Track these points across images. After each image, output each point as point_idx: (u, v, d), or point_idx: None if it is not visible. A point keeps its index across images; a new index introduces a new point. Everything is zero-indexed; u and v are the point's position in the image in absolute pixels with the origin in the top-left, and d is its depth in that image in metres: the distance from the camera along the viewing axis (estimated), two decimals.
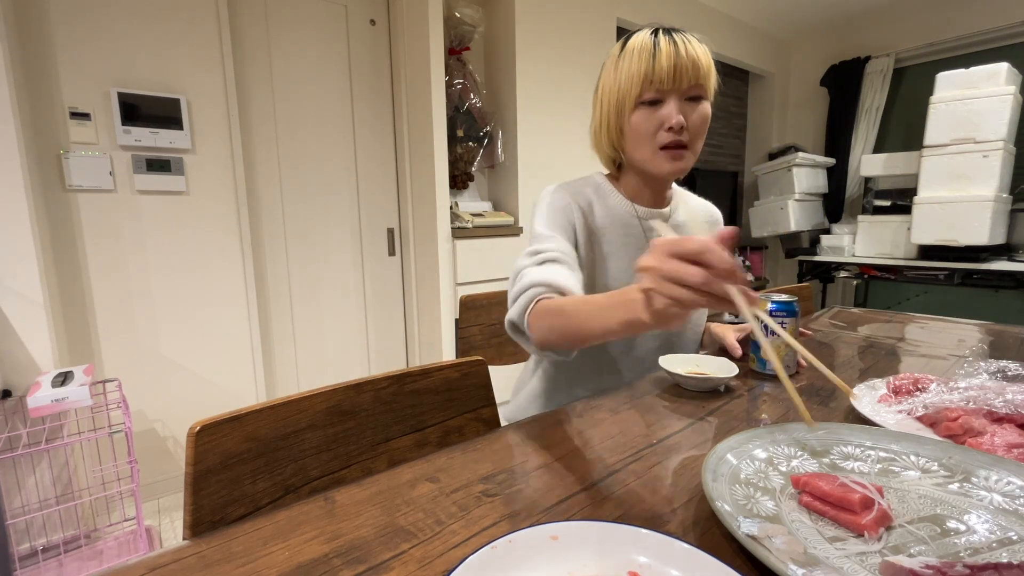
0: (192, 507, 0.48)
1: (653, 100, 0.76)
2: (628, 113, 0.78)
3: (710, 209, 1.01)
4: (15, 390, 1.42)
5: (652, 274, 0.42)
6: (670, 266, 0.40)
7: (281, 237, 2.04)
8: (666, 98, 0.75)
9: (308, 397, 0.57)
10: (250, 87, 1.90)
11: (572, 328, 0.59)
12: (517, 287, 0.71)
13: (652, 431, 0.60)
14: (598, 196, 0.87)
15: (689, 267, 0.40)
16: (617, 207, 0.87)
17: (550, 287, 0.68)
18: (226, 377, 1.89)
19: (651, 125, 0.76)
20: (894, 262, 2.93)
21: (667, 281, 0.41)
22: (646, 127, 0.77)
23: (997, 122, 2.45)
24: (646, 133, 0.77)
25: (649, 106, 0.76)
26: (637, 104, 0.76)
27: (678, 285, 0.40)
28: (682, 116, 0.75)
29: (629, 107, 0.77)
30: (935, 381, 0.64)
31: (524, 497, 0.46)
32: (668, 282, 0.41)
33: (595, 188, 0.88)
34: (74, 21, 1.53)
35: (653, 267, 0.42)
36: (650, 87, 0.75)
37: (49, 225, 1.53)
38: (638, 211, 0.87)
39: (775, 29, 3.63)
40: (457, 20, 2.18)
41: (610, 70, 0.80)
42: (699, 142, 0.79)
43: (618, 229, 0.86)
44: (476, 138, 2.28)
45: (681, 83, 0.74)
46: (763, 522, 0.38)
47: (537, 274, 0.69)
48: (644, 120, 0.77)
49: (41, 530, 1.48)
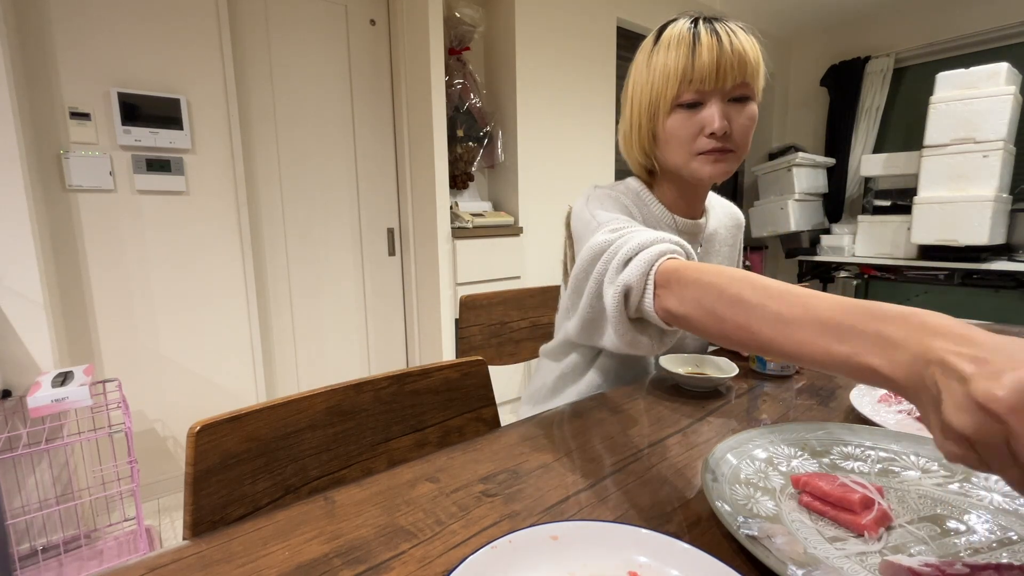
0: (192, 507, 0.48)
1: (692, 103, 0.66)
2: (663, 117, 0.68)
3: (735, 212, 0.93)
4: (15, 390, 1.42)
5: (998, 427, 0.24)
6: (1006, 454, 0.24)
7: (281, 237, 2.04)
8: (707, 100, 0.65)
9: (308, 397, 0.57)
10: (250, 87, 1.90)
11: (739, 320, 0.39)
12: (625, 250, 0.52)
13: (652, 431, 0.60)
14: (638, 205, 0.77)
15: None
16: (657, 217, 0.77)
17: (674, 243, 0.53)
18: (226, 377, 1.89)
19: (689, 130, 0.66)
20: (894, 262, 2.93)
21: (1007, 452, 0.24)
22: (683, 132, 0.67)
23: (997, 122, 2.45)
24: (683, 139, 0.67)
25: (687, 109, 0.66)
26: (673, 107, 0.66)
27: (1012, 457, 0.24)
28: (726, 120, 0.64)
29: (664, 110, 0.67)
30: None
31: (524, 497, 0.46)
32: (1006, 453, 0.24)
33: (635, 196, 0.78)
34: (74, 21, 1.53)
35: (1012, 424, 0.23)
36: (688, 87, 0.64)
37: (49, 225, 1.53)
38: (677, 223, 0.78)
39: (775, 29, 3.63)
40: (457, 20, 2.18)
41: (642, 65, 0.69)
42: (745, 145, 0.68)
43: None
44: (476, 138, 2.28)
45: (725, 82, 0.64)
46: (763, 522, 0.38)
47: (645, 235, 0.53)
48: (681, 125, 0.66)
49: (41, 530, 1.48)
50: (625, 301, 0.52)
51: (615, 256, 0.54)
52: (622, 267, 0.52)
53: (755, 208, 3.52)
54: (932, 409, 0.27)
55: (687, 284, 0.46)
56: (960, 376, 0.25)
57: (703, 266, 0.46)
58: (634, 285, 0.50)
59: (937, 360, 0.26)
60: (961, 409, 0.25)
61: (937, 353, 0.26)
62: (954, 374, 0.25)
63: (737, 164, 0.69)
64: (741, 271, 0.43)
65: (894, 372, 0.28)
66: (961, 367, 0.25)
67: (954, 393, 0.25)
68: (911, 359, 0.28)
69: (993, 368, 0.24)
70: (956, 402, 0.25)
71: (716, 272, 0.44)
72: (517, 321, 1.18)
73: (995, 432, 0.24)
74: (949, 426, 0.25)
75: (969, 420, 0.24)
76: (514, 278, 2.34)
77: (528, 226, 2.37)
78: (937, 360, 0.26)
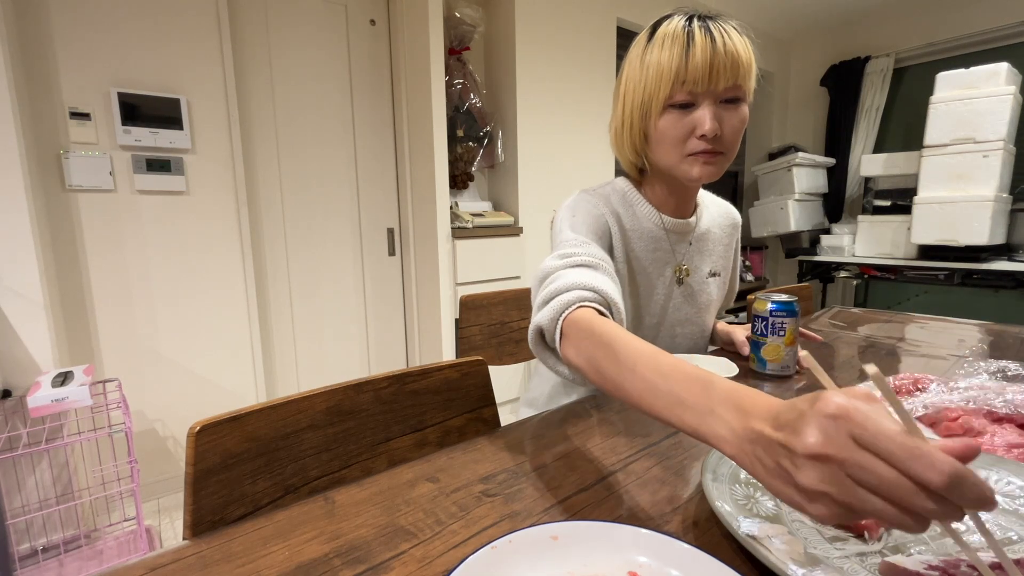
0: (192, 507, 0.48)
1: (684, 103, 0.66)
2: (655, 117, 0.68)
3: (730, 212, 0.93)
4: (15, 390, 1.42)
5: (832, 467, 0.26)
6: (865, 463, 0.25)
7: (281, 237, 2.04)
8: (699, 101, 0.66)
9: (308, 397, 0.57)
10: (250, 87, 1.91)
11: (613, 379, 0.45)
12: (549, 289, 0.58)
13: (652, 431, 0.60)
14: (625, 206, 0.79)
15: (889, 470, 0.25)
16: (644, 217, 0.79)
17: (594, 292, 0.57)
18: (226, 377, 1.89)
19: (681, 131, 0.67)
20: (894, 262, 2.93)
21: (856, 485, 0.26)
22: (675, 133, 0.67)
23: (997, 122, 2.45)
24: (675, 140, 0.68)
25: (679, 109, 0.67)
26: (666, 107, 0.67)
27: (869, 491, 0.25)
28: (717, 123, 0.65)
29: (657, 110, 0.68)
30: (935, 381, 0.64)
31: (524, 497, 0.46)
32: (857, 486, 0.26)
33: (621, 196, 0.79)
34: (74, 21, 1.53)
35: (837, 458, 0.26)
36: (681, 88, 0.65)
37: (49, 225, 1.53)
38: (664, 222, 0.80)
39: (775, 29, 3.63)
40: (457, 20, 2.18)
41: (635, 62, 0.69)
42: (735, 147, 0.70)
43: (647, 243, 0.79)
44: (476, 138, 2.28)
45: (717, 84, 0.64)
46: (763, 522, 0.38)
47: (575, 276, 0.58)
48: (672, 126, 0.67)
49: (41, 530, 1.48)
50: (542, 337, 0.57)
51: (543, 291, 0.59)
52: (542, 306, 0.58)
53: (755, 208, 3.52)
54: (777, 480, 0.29)
55: (583, 338, 0.50)
56: (783, 447, 0.28)
57: (598, 323, 0.50)
58: (546, 327, 0.55)
59: (758, 439, 0.31)
60: (801, 469, 0.27)
61: (756, 433, 0.31)
62: (778, 448, 0.29)
63: (727, 165, 0.71)
64: (626, 334, 0.47)
65: (730, 448, 0.33)
66: (779, 439, 0.29)
67: (789, 461, 0.28)
68: (739, 439, 0.32)
69: (795, 427, 0.28)
70: (795, 467, 0.28)
71: (606, 331, 0.48)
72: (517, 321, 1.18)
73: (835, 472, 0.26)
74: (806, 489, 0.27)
75: (813, 475, 0.27)
76: (514, 278, 2.34)
77: (528, 226, 2.38)
78: (758, 439, 0.31)
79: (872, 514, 0.26)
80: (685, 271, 0.83)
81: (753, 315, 0.80)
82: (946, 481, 0.23)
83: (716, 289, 0.90)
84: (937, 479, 0.24)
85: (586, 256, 0.64)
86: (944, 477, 0.23)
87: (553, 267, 0.63)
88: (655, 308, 0.83)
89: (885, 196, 3.11)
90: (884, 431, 0.25)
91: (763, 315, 0.78)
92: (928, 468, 0.24)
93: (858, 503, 0.26)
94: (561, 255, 0.65)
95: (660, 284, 0.83)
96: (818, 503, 0.27)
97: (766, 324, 0.78)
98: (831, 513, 0.27)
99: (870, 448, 0.25)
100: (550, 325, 0.55)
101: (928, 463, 0.24)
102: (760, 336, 0.79)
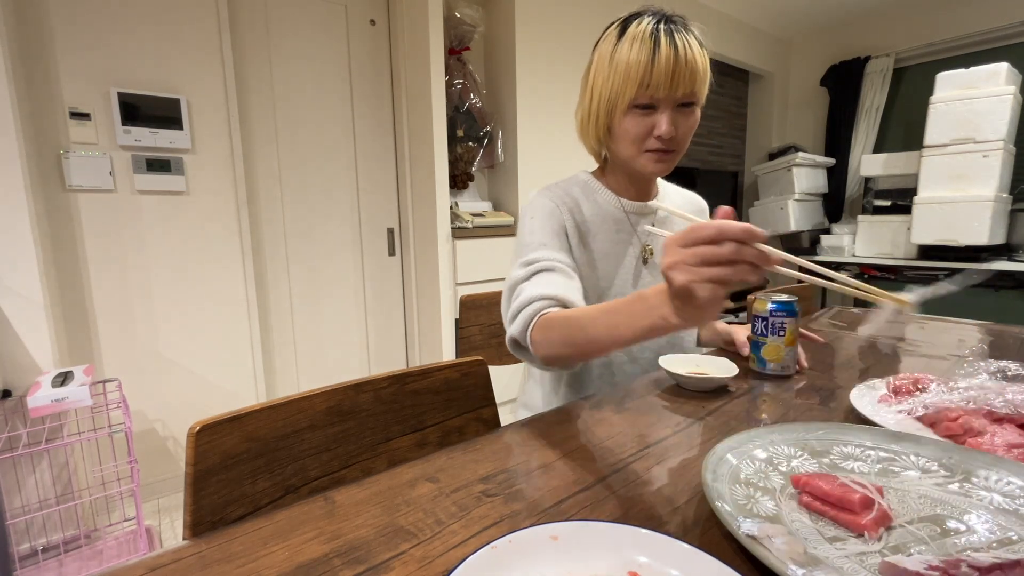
0: (192, 507, 0.48)
1: (646, 105, 0.73)
2: (619, 115, 0.75)
3: (694, 199, 1.01)
4: (15, 390, 1.42)
5: (681, 268, 0.42)
6: (698, 252, 0.41)
7: (281, 237, 2.04)
8: (659, 105, 0.73)
9: (308, 397, 0.57)
10: (250, 87, 1.90)
11: (585, 340, 0.58)
12: (515, 304, 0.70)
13: (652, 431, 0.60)
14: (585, 194, 0.86)
15: (717, 247, 0.41)
16: (604, 203, 0.86)
17: (551, 300, 0.68)
18: (226, 377, 1.89)
19: (640, 130, 0.75)
20: (894, 262, 2.93)
21: (702, 267, 0.41)
22: (635, 131, 0.75)
23: (997, 122, 2.45)
24: (635, 137, 0.76)
25: (641, 110, 0.74)
26: (630, 107, 0.74)
27: (713, 266, 0.41)
28: (673, 126, 0.73)
29: (621, 109, 0.74)
30: (935, 381, 0.64)
31: (524, 497, 0.46)
32: (703, 267, 0.41)
33: (582, 186, 0.87)
34: (74, 21, 1.53)
35: (680, 260, 0.42)
36: (644, 92, 0.72)
37: (49, 225, 1.53)
38: (624, 205, 0.87)
39: (775, 29, 3.63)
40: (457, 20, 2.18)
41: (605, 56, 0.75)
42: (686, 145, 0.79)
43: (609, 226, 0.86)
44: (476, 138, 2.28)
45: (676, 91, 0.71)
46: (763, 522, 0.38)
47: (535, 288, 0.69)
48: (634, 125, 0.75)
49: (41, 530, 1.48)
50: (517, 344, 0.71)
51: (512, 304, 0.72)
52: (512, 319, 0.71)
53: (755, 208, 3.52)
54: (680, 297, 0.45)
55: (552, 331, 0.64)
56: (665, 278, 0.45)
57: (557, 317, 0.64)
58: (519, 338, 0.69)
59: (664, 288, 0.47)
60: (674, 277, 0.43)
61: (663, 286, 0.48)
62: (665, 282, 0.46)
63: (677, 160, 0.80)
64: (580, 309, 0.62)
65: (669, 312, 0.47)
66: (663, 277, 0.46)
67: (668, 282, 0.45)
68: (665, 299, 0.47)
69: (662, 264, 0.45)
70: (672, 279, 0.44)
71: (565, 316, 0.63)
72: None
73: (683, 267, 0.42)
74: (683, 283, 0.43)
75: (680, 276, 0.43)
76: None
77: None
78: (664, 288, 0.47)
79: (713, 276, 0.41)
80: (649, 251, 0.89)
81: (753, 315, 0.80)
82: (716, 228, 0.41)
83: None
84: (711, 229, 0.41)
85: (544, 261, 0.75)
86: (713, 227, 0.41)
87: (518, 278, 0.74)
88: (624, 288, 0.87)
89: (885, 196, 3.11)
90: (680, 235, 0.43)
91: (763, 315, 0.78)
92: (704, 227, 0.41)
93: (703, 274, 0.41)
94: (523, 263, 0.76)
95: (626, 264, 0.87)
96: (693, 287, 0.42)
97: (766, 324, 0.78)
98: (706, 288, 0.41)
99: (685, 244, 0.42)
100: (522, 335, 0.68)
101: (703, 226, 0.42)
102: (760, 336, 0.79)
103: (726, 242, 0.40)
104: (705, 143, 3.65)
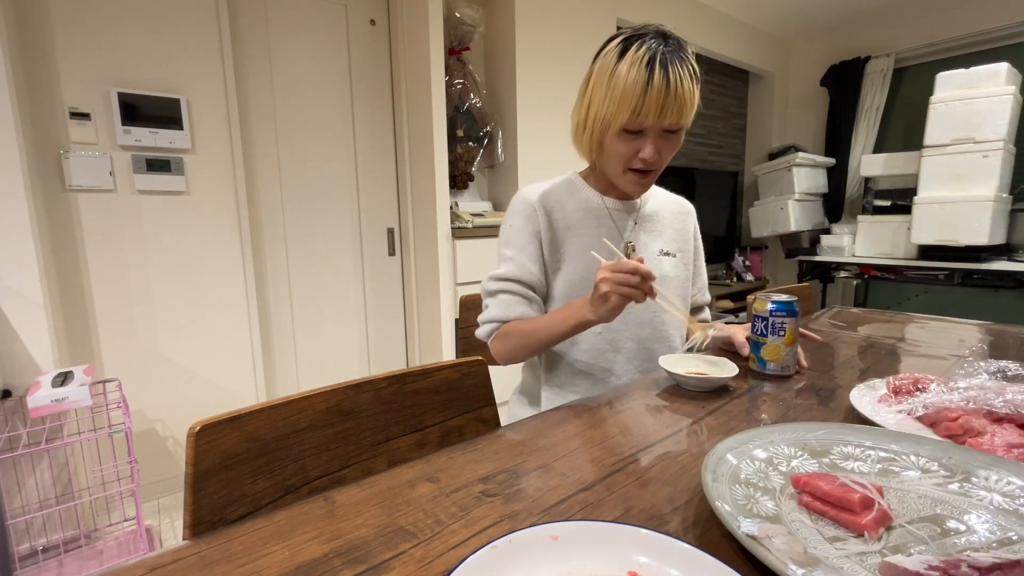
0: (192, 507, 0.48)
1: (635, 130, 0.80)
2: (611, 135, 0.82)
3: (681, 202, 1.05)
4: (15, 390, 1.42)
5: (607, 282, 0.69)
6: (618, 277, 0.69)
7: (281, 237, 2.04)
8: (647, 132, 0.80)
9: (308, 397, 0.57)
10: (250, 87, 1.90)
11: (533, 341, 0.83)
12: (482, 316, 0.90)
13: (652, 431, 0.60)
14: (570, 193, 0.93)
15: (630, 276, 0.68)
16: (589, 200, 0.93)
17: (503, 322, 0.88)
18: (226, 377, 1.89)
19: (627, 151, 0.82)
20: (894, 262, 2.93)
21: (620, 285, 0.69)
22: (623, 151, 0.82)
23: (997, 122, 2.45)
24: (621, 157, 0.83)
25: (629, 134, 0.81)
26: (621, 130, 0.80)
27: (626, 287, 0.68)
28: (657, 152, 0.81)
29: (613, 131, 0.81)
30: (935, 381, 0.64)
31: (524, 497, 0.46)
32: (620, 285, 0.69)
33: (568, 185, 0.95)
34: (74, 21, 1.53)
35: (608, 278, 0.69)
36: (635, 120, 0.78)
37: (49, 225, 1.53)
38: (607, 203, 0.93)
39: (775, 29, 3.63)
40: (457, 20, 2.18)
41: (605, 74, 0.80)
42: (665, 164, 0.86)
43: (591, 220, 0.92)
44: (476, 138, 2.28)
45: (663, 121, 0.78)
46: (763, 522, 0.38)
47: (496, 310, 0.88)
48: (622, 146, 0.82)
49: (41, 530, 1.48)
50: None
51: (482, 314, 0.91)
52: (481, 324, 0.90)
53: (755, 208, 3.52)
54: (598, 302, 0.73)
55: (508, 339, 0.86)
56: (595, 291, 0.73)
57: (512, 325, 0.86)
58: (484, 340, 0.91)
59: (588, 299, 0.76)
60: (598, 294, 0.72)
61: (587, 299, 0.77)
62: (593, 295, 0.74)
63: (656, 178, 0.89)
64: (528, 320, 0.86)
65: (587, 316, 0.75)
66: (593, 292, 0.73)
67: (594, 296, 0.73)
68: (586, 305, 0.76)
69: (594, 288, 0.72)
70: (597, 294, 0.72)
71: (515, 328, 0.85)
72: None
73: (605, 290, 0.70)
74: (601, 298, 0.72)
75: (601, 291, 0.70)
76: None
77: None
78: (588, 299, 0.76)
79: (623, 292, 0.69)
80: (631, 247, 0.94)
81: (753, 315, 0.80)
82: (632, 267, 0.69)
83: (671, 267, 0.96)
84: (630, 267, 0.69)
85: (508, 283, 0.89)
86: (631, 266, 0.69)
87: (489, 289, 0.91)
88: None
89: (885, 196, 3.11)
90: (613, 263, 0.70)
91: (763, 315, 0.78)
92: (627, 265, 0.69)
93: (618, 290, 0.69)
94: (495, 277, 0.90)
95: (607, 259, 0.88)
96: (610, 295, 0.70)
97: (766, 324, 0.78)
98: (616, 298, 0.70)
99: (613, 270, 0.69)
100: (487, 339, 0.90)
101: (626, 264, 0.69)
102: (760, 336, 0.79)
103: (636, 276, 0.68)
104: (705, 143, 3.65)
